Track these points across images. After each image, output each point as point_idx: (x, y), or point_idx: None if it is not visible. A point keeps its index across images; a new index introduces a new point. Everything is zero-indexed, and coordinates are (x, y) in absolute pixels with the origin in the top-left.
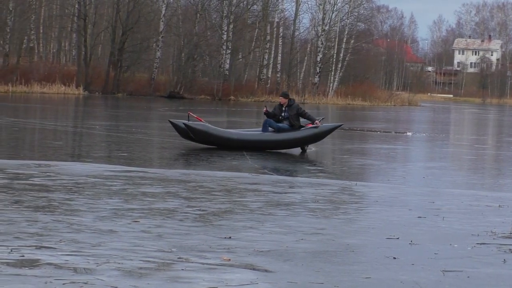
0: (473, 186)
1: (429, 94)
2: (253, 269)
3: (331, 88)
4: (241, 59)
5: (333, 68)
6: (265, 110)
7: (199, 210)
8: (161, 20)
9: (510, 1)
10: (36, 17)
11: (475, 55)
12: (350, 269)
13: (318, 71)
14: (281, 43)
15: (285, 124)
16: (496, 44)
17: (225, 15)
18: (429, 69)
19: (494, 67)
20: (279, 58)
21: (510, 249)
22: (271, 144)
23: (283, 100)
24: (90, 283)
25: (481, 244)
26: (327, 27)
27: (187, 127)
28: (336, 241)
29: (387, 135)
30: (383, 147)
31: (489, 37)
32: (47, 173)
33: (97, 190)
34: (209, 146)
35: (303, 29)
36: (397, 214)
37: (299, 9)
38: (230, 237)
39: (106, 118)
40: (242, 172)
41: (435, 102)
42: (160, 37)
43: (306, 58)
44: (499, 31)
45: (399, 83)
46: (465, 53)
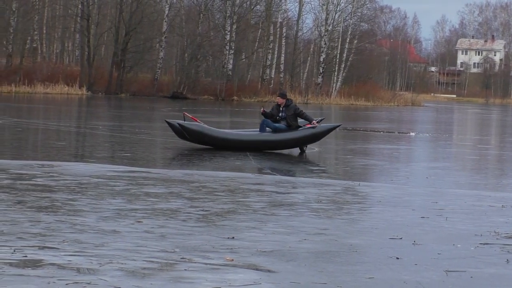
0: (476, 186)
1: (432, 94)
2: (256, 269)
3: (334, 88)
4: (244, 59)
5: (336, 68)
6: (262, 110)
7: (202, 210)
8: (164, 20)
9: None
10: (39, 18)
11: (478, 55)
12: (353, 269)
13: (321, 71)
14: (284, 44)
15: (282, 124)
16: (499, 44)
17: (228, 15)
18: (432, 69)
19: (497, 67)
20: (282, 58)
21: None
22: (268, 144)
23: (280, 100)
24: (93, 283)
25: (484, 244)
26: (330, 27)
27: (181, 127)
28: (339, 241)
29: (390, 135)
30: (386, 147)
31: (492, 37)
32: (50, 174)
33: (100, 190)
34: (207, 146)
35: (306, 29)
36: (400, 214)
37: (302, 10)
38: (233, 237)
39: (109, 118)
40: (245, 172)
41: (438, 102)
42: (163, 38)
43: (309, 58)
44: (502, 31)
45: (402, 83)
46: (468, 53)
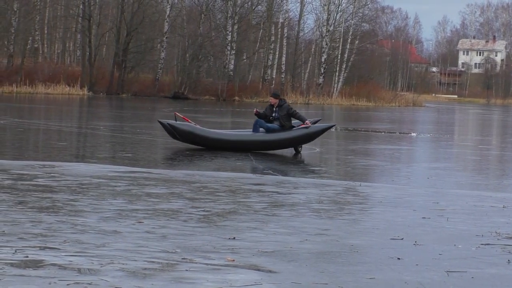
0: (478, 186)
1: (433, 94)
2: (257, 270)
3: (335, 88)
4: (245, 60)
5: (338, 68)
6: (255, 111)
7: (203, 210)
8: (166, 20)
9: None
10: (40, 18)
11: (480, 55)
12: (354, 270)
13: (322, 71)
14: (285, 44)
15: (275, 124)
16: (500, 44)
17: (229, 15)
18: (434, 69)
19: (498, 68)
20: (284, 58)
21: None
22: (261, 144)
23: (273, 100)
24: (94, 283)
25: (485, 244)
26: (332, 27)
27: (171, 127)
28: (340, 242)
29: (391, 135)
30: (387, 147)
31: (494, 37)
32: (52, 174)
33: (101, 190)
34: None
35: (307, 29)
36: (401, 214)
37: (304, 10)
38: (234, 238)
39: (110, 118)
40: (246, 172)
41: (439, 102)
42: (164, 38)
43: (310, 58)
44: (503, 32)
45: (403, 83)
46: (469, 53)
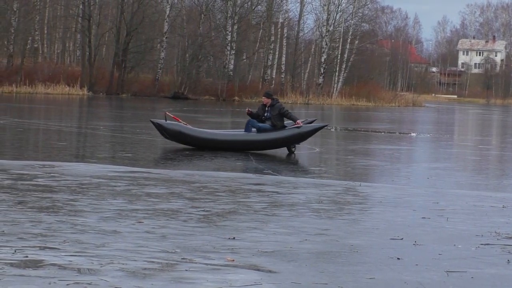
0: (477, 186)
1: (433, 94)
2: (257, 270)
3: (335, 88)
4: (245, 60)
5: (338, 68)
6: (247, 110)
7: (203, 210)
8: (166, 20)
9: None
10: (40, 18)
11: (479, 55)
12: (354, 270)
13: (322, 71)
14: (285, 44)
15: (267, 124)
16: (500, 44)
17: (229, 15)
18: (433, 69)
19: (498, 68)
20: (283, 58)
21: None
22: (252, 144)
23: (265, 100)
24: (94, 283)
25: (485, 244)
26: (332, 27)
27: (160, 126)
28: (340, 242)
29: (391, 135)
30: (387, 147)
31: (493, 37)
32: (51, 174)
33: (101, 190)
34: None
35: (307, 29)
36: (401, 214)
37: (304, 10)
38: (234, 238)
39: (110, 118)
40: (246, 172)
41: (439, 102)
42: (164, 38)
43: (310, 58)
44: (503, 32)
45: (403, 83)
46: (469, 53)
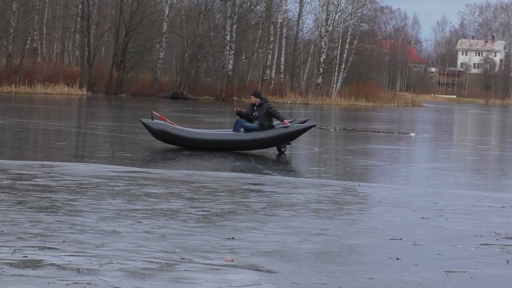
0: (477, 187)
1: (432, 95)
2: (257, 270)
3: (334, 88)
4: (244, 60)
5: (337, 68)
6: (236, 110)
7: (202, 210)
8: (165, 20)
9: None
10: (39, 18)
11: (479, 56)
12: (353, 270)
13: (321, 71)
14: (284, 44)
15: (255, 124)
16: (499, 45)
17: (228, 15)
18: (433, 70)
19: (497, 68)
20: (283, 58)
21: None
22: (239, 144)
23: (254, 99)
24: (93, 283)
25: (484, 244)
26: (331, 27)
27: (145, 126)
28: (339, 242)
29: (390, 135)
30: (386, 147)
31: (493, 38)
32: (51, 174)
33: (100, 190)
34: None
35: (306, 29)
36: (400, 215)
37: (303, 10)
38: (233, 238)
39: (109, 118)
40: (245, 172)
41: (438, 103)
42: (163, 38)
43: (309, 58)
44: (502, 32)
45: (402, 83)
46: (468, 54)
